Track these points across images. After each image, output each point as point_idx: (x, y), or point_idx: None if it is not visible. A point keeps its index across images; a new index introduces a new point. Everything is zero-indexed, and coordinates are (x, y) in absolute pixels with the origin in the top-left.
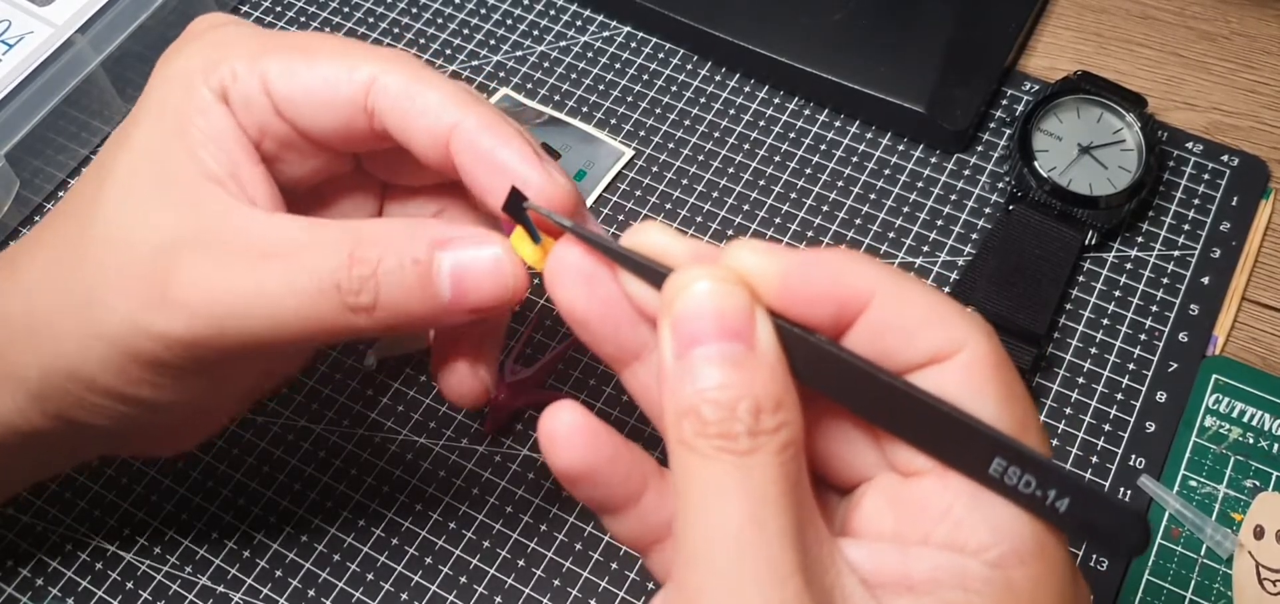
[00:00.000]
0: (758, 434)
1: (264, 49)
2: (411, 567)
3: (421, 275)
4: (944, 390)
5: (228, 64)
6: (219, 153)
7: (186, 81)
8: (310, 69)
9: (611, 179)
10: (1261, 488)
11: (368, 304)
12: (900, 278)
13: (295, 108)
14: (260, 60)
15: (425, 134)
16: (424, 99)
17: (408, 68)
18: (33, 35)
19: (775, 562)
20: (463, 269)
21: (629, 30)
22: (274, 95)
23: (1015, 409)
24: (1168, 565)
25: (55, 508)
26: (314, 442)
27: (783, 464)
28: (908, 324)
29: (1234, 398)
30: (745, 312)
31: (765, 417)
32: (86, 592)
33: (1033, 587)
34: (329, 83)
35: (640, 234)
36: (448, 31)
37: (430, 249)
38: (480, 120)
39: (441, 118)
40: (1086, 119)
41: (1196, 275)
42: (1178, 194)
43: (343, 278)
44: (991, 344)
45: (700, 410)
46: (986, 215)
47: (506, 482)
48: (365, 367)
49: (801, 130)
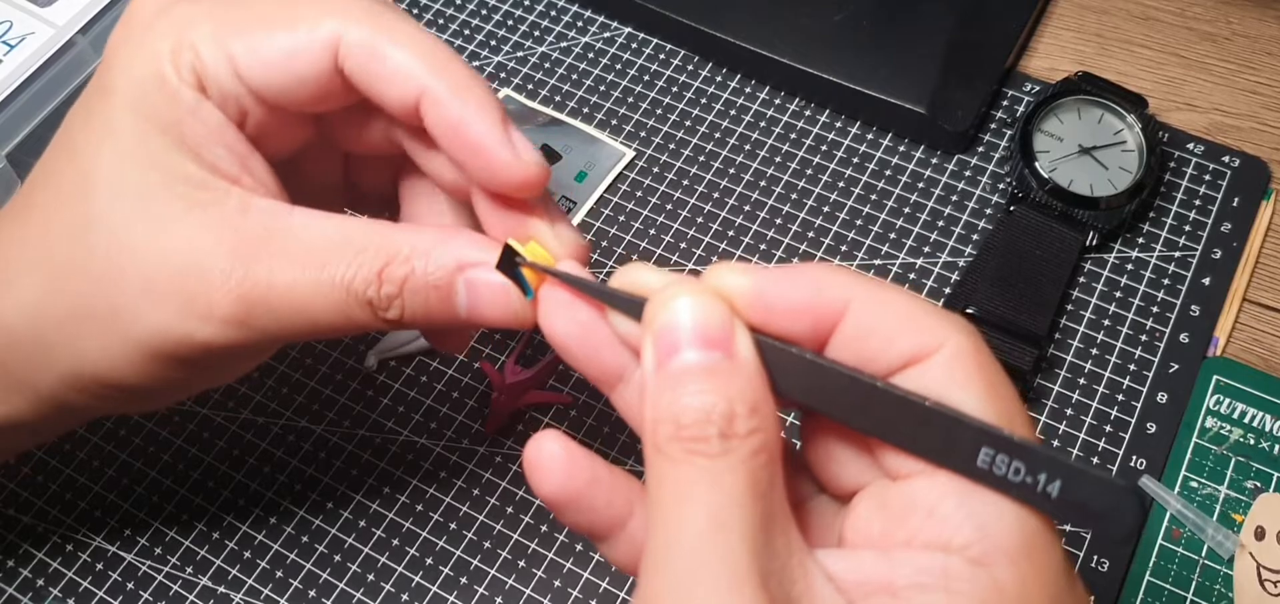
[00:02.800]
0: (730, 438)
1: (222, 28)
2: (412, 567)
3: (443, 296)
4: (927, 388)
5: (191, 52)
6: (222, 150)
7: (159, 80)
8: (272, 40)
9: (612, 180)
10: (1262, 489)
11: (395, 318)
12: (875, 284)
13: (268, 87)
14: (225, 43)
15: (394, 98)
16: (391, 59)
17: (371, 19)
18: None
19: (735, 566)
20: (478, 291)
21: (630, 31)
22: (245, 79)
23: (1000, 401)
24: (1169, 566)
25: (56, 509)
26: (315, 442)
27: (752, 470)
28: (885, 327)
29: (1235, 399)
30: (724, 322)
31: (739, 422)
32: (87, 592)
33: (1021, 587)
34: (294, 52)
35: (627, 273)
36: (448, 33)
37: (452, 273)
38: (450, 85)
39: (409, 82)
40: (1087, 120)
41: (1197, 276)
42: (1178, 195)
43: (373, 294)
44: (972, 339)
45: (676, 416)
46: (987, 216)
47: (507, 482)
48: (365, 367)
49: (802, 131)
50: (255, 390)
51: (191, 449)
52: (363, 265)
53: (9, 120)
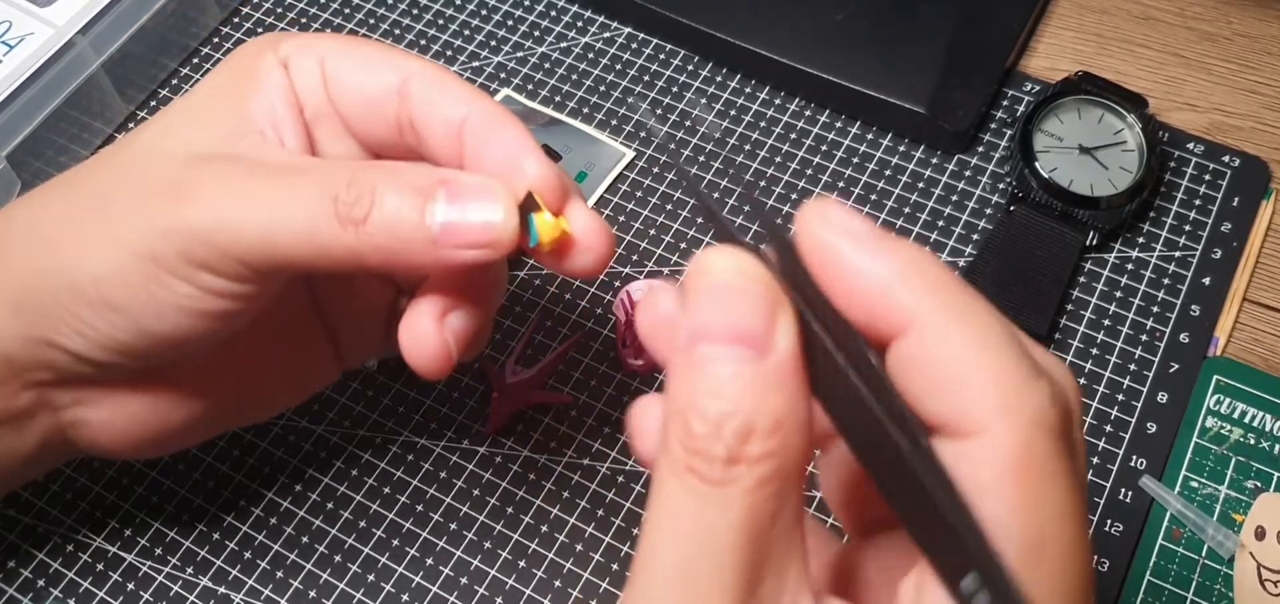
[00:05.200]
0: (736, 463)
1: (323, 39)
2: (412, 568)
3: (414, 206)
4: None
5: (293, 42)
6: (266, 104)
7: (256, 51)
8: (360, 59)
9: (612, 180)
10: (1263, 489)
11: (360, 217)
12: (952, 313)
13: (342, 88)
14: (319, 45)
15: (442, 123)
16: (446, 93)
17: (436, 69)
18: (34, 36)
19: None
20: (460, 192)
21: (630, 31)
22: (327, 73)
23: (1035, 517)
24: (1169, 567)
25: (56, 509)
26: (315, 442)
27: (753, 504)
28: (936, 375)
29: (1235, 399)
30: (764, 311)
31: (754, 442)
32: (87, 592)
33: None
34: (373, 71)
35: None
36: (448, 33)
37: (434, 185)
38: (488, 110)
39: (456, 109)
40: (1087, 120)
41: (1197, 276)
42: (1179, 195)
43: (341, 191)
44: (1021, 438)
45: (687, 418)
46: (987, 216)
47: (507, 482)
48: (365, 367)
49: (802, 131)
50: None
51: (190, 450)
52: (337, 171)
53: (9, 121)
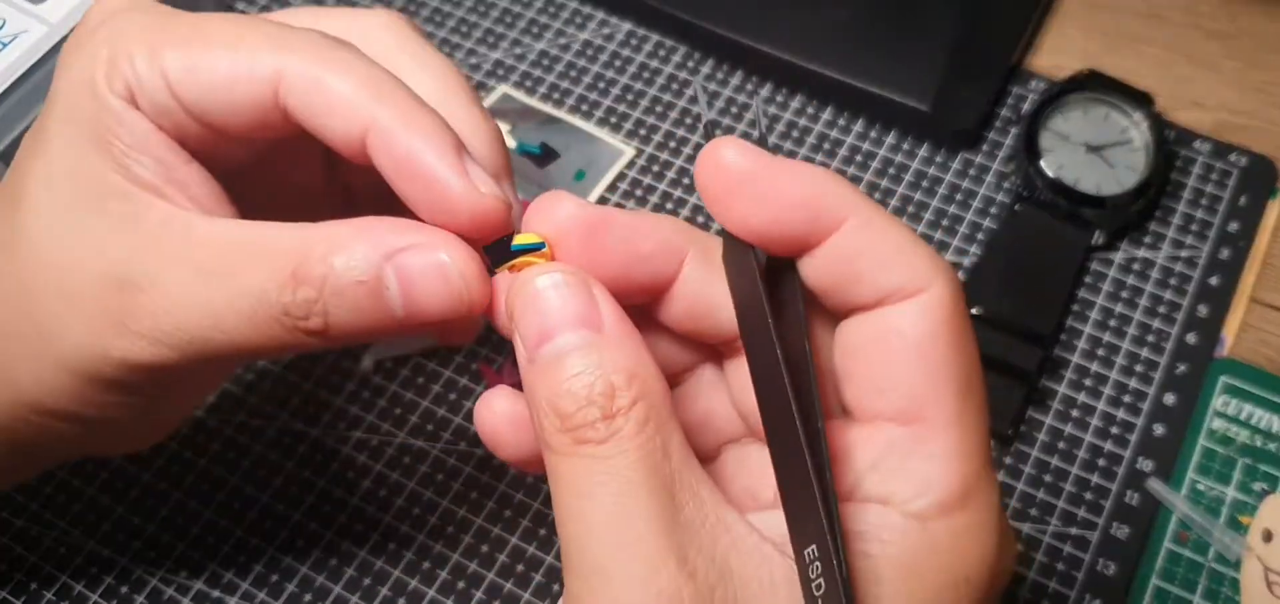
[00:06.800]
0: (613, 417)
1: (161, 43)
2: (409, 571)
3: (371, 292)
4: (900, 328)
5: (127, 63)
6: (147, 160)
7: (90, 88)
8: (211, 63)
9: (612, 179)
10: (1270, 491)
11: (319, 328)
12: (876, 208)
13: (203, 109)
14: (159, 56)
15: (339, 135)
16: (333, 92)
17: (312, 52)
18: (27, 34)
19: (646, 551)
20: (410, 280)
21: (630, 27)
22: (179, 97)
23: (963, 362)
24: (1175, 569)
25: (49, 512)
26: (310, 445)
27: (642, 446)
28: (878, 254)
29: (1242, 400)
30: (586, 295)
31: (620, 395)
32: (81, 596)
33: (953, 539)
34: (231, 80)
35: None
36: (446, 29)
37: (377, 264)
38: (395, 116)
39: (353, 117)
40: (1093, 118)
41: (1204, 276)
42: (1185, 194)
43: (289, 302)
44: (954, 291)
45: (558, 406)
46: (992, 215)
47: (505, 485)
48: (361, 369)
49: (805, 128)
50: (249, 393)
51: (185, 453)
52: (275, 269)
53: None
